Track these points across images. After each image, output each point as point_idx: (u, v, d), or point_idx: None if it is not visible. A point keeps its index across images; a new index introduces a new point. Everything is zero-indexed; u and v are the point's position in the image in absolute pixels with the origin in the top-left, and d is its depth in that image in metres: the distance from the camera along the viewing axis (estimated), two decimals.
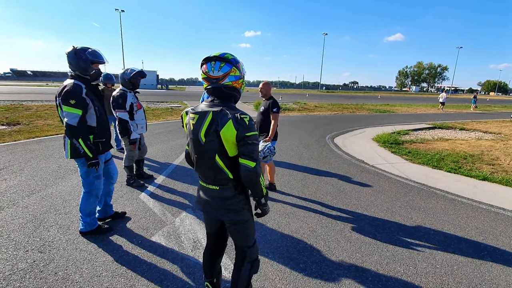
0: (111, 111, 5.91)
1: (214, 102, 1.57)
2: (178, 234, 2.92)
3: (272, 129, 3.86)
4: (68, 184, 4.17)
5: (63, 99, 2.37)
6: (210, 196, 1.66)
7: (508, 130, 11.81)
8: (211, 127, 1.49)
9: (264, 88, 4.03)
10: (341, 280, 2.31)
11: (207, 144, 1.53)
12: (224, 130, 1.46)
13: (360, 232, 3.11)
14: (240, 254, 1.78)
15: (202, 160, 1.59)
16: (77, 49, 2.44)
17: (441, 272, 2.46)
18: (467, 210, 3.78)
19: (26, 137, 7.21)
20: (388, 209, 3.73)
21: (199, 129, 1.53)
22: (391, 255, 2.68)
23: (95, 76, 2.58)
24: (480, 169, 5.71)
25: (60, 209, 3.38)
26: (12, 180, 4.24)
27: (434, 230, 3.21)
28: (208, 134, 1.51)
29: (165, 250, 2.63)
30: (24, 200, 3.59)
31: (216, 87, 1.56)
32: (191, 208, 3.52)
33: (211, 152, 1.53)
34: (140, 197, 3.80)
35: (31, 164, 5.07)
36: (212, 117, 1.50)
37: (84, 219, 2.76)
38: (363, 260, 2.59)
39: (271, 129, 3.86)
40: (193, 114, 1.57)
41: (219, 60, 1.53)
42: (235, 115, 1.48)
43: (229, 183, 1.61)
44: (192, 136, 1.58)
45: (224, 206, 1.64)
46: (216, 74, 1.53)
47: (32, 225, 3.00)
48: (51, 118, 10.38)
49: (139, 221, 3.16)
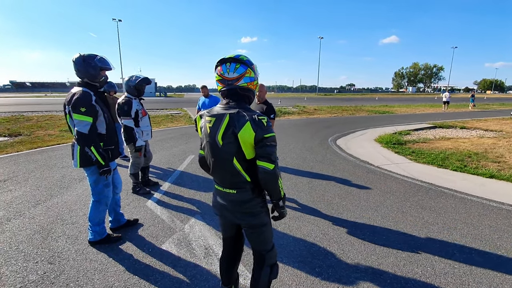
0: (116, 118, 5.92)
1: (230, 104, 1.54)
2: (189, 241, 2.87)
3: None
4: (73, 194, 4.12)
5: (73, 107, 2.33)
6: (227, 200, 1.63)
7: (509, 128, 11.82)
8: (229, 129, 1.47)
9: (260, 90, 3.75)
10: (359, 283, 2.26)
11: (224, 147, 1.50)
12: (242, 132, 1.44)
13: (373, 233, 3.06)
14: (259, 258, 1.74)
15: (219, 163, 1.56)
16: (85, 56, 2.42)
17: (459, 272, 2.42)
18: (478, 208, 3.74)
19: (29, 147, 7.17)
20: (399, 209, 3.69)
21: (216, 132, 1.50)
22: (407, 256, 2.64)
23: (103, 83, 2.56)
24: (486, 167, 5.69)
25: (67, 219, 3.33)
26: (17, 191, 4.19)
27: (448, 229, 3.17)
28: (226, 137, 1.48)
29: (177, 258, 2.58)
30: (31, 211, 3.54)
31: (231, 89, 1.54)
32: (200, 214, 3.48)
33: (229, 154, 1.51)
34: (147, 205, 3.75)
35: (35, 174, 5.02)
36: (229, 119, 1.48)
37: (94, 228, 2.71)
38: (379, 262, 2.54)
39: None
40: (209, 117, 1.54)
41: (234, 61, 1.51)
42: (253, 116, 1.45)
43: (246, 186, 1.58)
44: (209, 139, 1.55)
45: (242, 210, 1.61)
46: (232, 76, 1.51)
47: (40, 236, 2.95)
48: (52, 128, 10.35)
49: (148, 229, 3.11)
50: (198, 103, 6.04)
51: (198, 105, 6.06)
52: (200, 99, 6.02)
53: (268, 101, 3.79)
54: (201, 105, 5.94)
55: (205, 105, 5.84)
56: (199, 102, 6.04)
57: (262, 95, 3.77)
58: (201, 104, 5.94)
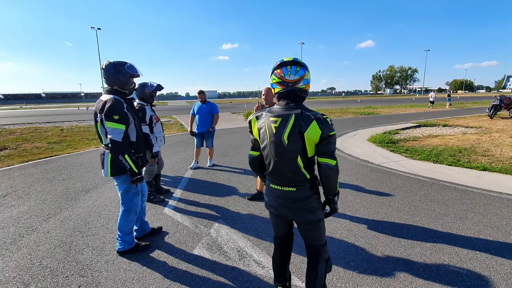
0: None
1: (289, 105, 1.61)
2: (219, 245, 2.87)
3: None
4: (84, 205, 3.99)
5: (106, 115, 2.29)
6: (286, 198, 1.68)
7: (486, 124, 12.59)
8: (295, 128, 1.53)
9: (270, 94, 3.73)
10: (396, 274, 2.37)
11: (289, 146, 1.56)
12: (309, 131, 1.51)
13: (393, 227, 3.19)
14: (314, 253, 1.79)
15: (283, 162, 1.61)
16: (115, 63, 2.40)
17: (482, 256, 2.58)
18: (481, 198, 3.99)
19: (19, 161, 6.83)
20: (410, 203, 3.87)
21: (282, 131, 1.56)
22: (431, 246, 2.78)
23: (133, 90, 2.55)
24: (477, 161, 6.05)
25: (85, 231, 3.23)
26: (22, 206, 4.00)
27: (460, 219, 3.36)
28: (291, 136, 1.54)
29: (213, 263, 2.57)
30: (43, 225, 3.39)
31: (292, 90, 1.61)
32: (221, 219, 3.48)
33: (293, 153, 1.57)
34: (165, 212, 3.70)
35: (35, 188, 4.81)
36: (295, 119, 1.54)
37: (123, 238, 2.65)
38: (407, 253, 2.67)
39: None
40: (274, 118, 1.60)
41: (295, 64, 1.58)
42: (317, 116, 1.53)
43: (306, 183, 1.65)
44: (274, 139, 1.60)
45: (301, 207, 1.67)
46: (293, 78, 1.58)
47: (61, 249, 2.84)
48: (39, 141, 9.90)
49: (174, 236, 3.08)
50: (193, 109, 5.87)
51: (193, 110, 5.88)
52: (196, 104, 5.89)
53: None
54: (196, 111, 5.81)
55: (201, 111, 5.73)
56: (194, 107, 5.88)
57: (270, 99, 3.80)
58: (197, 110, 5.80)
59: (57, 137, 10.79)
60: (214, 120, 5.82)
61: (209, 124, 5.79)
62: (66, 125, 15.21)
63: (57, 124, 15.52)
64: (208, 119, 5.78)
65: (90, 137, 10.68)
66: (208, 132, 5.82)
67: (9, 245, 2.95)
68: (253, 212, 3.67)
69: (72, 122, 16.79)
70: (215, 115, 5.83)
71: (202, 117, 5.75)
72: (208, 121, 5.78)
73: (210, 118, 5.79)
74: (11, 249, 2.88)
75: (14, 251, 2.84)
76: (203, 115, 5.74)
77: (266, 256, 2.65)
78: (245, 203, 3.97)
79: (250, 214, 3.59)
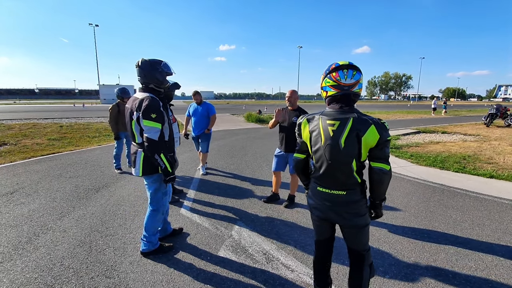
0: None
1: (344, 108, 1.60)
2: (243, 247, 2.84)
3: None
4: (97, 204, 3.91)
5: (144, 113, 2.23)
6: (335, 202, 1.67)
7: (484, 132, 12.82)
8: (352, 132, 1.52)
9: (293, 96, 3.78)
10: (426, 279, 2.37)
11: (345, 149, 1.55)
12: (367, 135, 1.50)
13: (414, 232, 3.21)
14: (358, 258, 1.78)
15: (337, 165, 1.59)
16: (152, 62, 2.36)
17: (507, 263, 2.61)
18: (494, 205, 4.04)
19: (22, 157, 6.67)
20: (426, 209, 3.89)
21: (340, 135, 1.55)
22: (455, 252, 2.80)
23: (167, 88, 2.50)
24: (482, 168, 6.14)
25: (103, 230, 3.16)
26: (32, 204, 3.90)
27: (478, 226, 3.39)
28: (348, 139, 1.53)
29: (240, 265, 2.54)
30: (58, 224, 3.31)
31: (346, 94, 1.60)
32: (241, 221, 3.44)
33: (349, 156, 1.56)
34: (181, 213, 3.65)
35: (42, 185, 4.69)
36: (352, 122, 1.53)
37: (149, 239, 2.60)
38: (433, 259, 2.67)
39: None
40: (332, 121, 1.59)
41: (351, 68, 1.58)
42: (375, 120, 1.52)
43: (357, 187, 1.64)
44: (330, 142, 1.58)
45: (350, 211, 1.65)
46: (349, 82, 1.58)
47: (82, 250, 2.77)
48: (38, 137, 9.70)
49: (195, 237, 3.03)
50: (189, 110, 5.44)
51: (188, 112, 5.46)
52: (191, 106, 5.42)
53: (300, 107, 3.86)
54: (192, 113, 5.37)
55: (197, 113, 5.26)
56: (189, 109, 5.44)
57: (295, 102, 3.82)
58: (192, 111, 5.35)
59: (57, 133, 10.59)
60: (210, 122, 5.33)
61: (206, 126, 5.31)
62: (64, 121, 14.95)
63: (55, 121, 15.25)
64: (204, 122, 5.30)
65: (91, 135, 10.51)
66: (203, 135, 5.31)
67: (25, 244, 2.87)
68: (271, 214, 3.64)
69: (70, 119, 16.52)
70: (211, 117, 5.32)
71: (198, 119, 5.27)
72: (204, 123, 5.31)
73: (206, 120, 5.30)
74: (28, 248, 2.80)
75: (32, 250, 2.76)
76: (199, 117, 5.27)
77: (293, 259, 2.63)
78: (262, 205, 3.94)
79: (269, 217, 3.56)
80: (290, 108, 3.83)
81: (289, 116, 3.77)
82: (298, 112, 3.76)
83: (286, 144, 3.78)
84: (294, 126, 3.67)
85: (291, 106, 3.82)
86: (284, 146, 3.80)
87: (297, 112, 3.76)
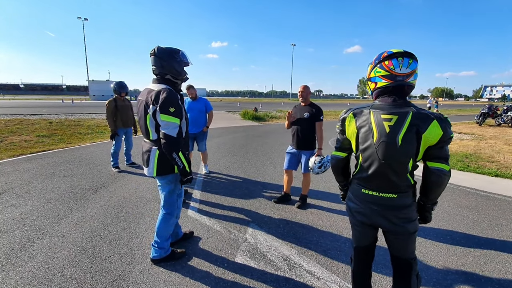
0: (127, 122, 5.39)
1: (398, 101, 1.42)
2: (261, 252, 2.64)
3: (322, 139, 3.58)
4: (96, 206, 3.63)
5: (162, 107, 1.99)
6: (384, 206, 1.49)
7: (478, 131, 12.99)
8: (412, 128, 1.35)
9: (305, 91, 3.59)
10: (460, 286, 2.23)
11: (402, 147, 1.37)
12: (428, 132, 1.33)
13: (435, 234, 3.08)
14: (405, 267, 1.61)
15: (391, 165, 1.41)
16: (169, 50, 2.12)
17: None
18: (506, 205, 3.98)
19: (9, 155, 6.27)
20: (442, 209, 3.79)
21: (398, 131, 1.37)
22: (482, 255, 2.68)
23: (185, 80, 2.27)
24: (486, 166, 6.13)
25: (106, 235, 2.90)
26: (24, 206, 3.59)
27: (496, 226, 3.30)
28: (407, 136, 1.36)
29: (262, 273, 2.34)
30: (55, 228, 3.03)
31: (400, 85, 1.42)
32: (253, 223, 3.25)
33: (406, 156, 1.38)
34: (189, 215, 3.43)
35: (34, 185, 4.37)
36: (412, 117, 1.35)
37: (161, 245, 2.37)
38: (462, 262, 2.55)
39: (321, 139, 3.57)
40: (389, 115, 1.40)
41: (407, 56, 1.40)
42: (437, 115, 1.35)
43: (409, 190, 1.47)
44: (385, 139, 1.40)
45: (400, 215, 1.48)
46: (404, 71, 1.40)
47: (84, 257, 2.52)
48: (26, 134, 9.22)
49: (207, 241, 2.82)
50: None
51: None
52: (186, 101, 4.85)
53: (313, 103, 3.69)
54: (186, 109, 4.81)
55: (193, 109, 4.78)
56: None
57: (307, 97, 3.65)
58: (187, 107, 4.78)
59: (47, 130, 10.10)
60: (208, 118, 4.97)
61: (203, 124, 4.87)
62: (54, 118, 14.35)
63: (44, 117, 14.61)
64: (201, 118, 4.86)
65: (83, 131, 10.07)
66: (201, 133, 4.90)
67: (19, 252, 2.59)
68: (284, 216, 3.46)
69: (60, 115, 15.88)
70: (209, 113, 4.96)
71: (195, 115, 4.77)
72: (202, 120, 4.87)
73: (204, 116, 4.90)
74: (22, 257, 2.52)
75: (27, 259, 2.49)
76: (196, 113, 4.79)
77: (317, 265, 2.45)
78: (273, 206, 3.75)
79: (283, 219, 3.38)
80: (303, 103, 3.66)
81: (300, 112, 3.60)
82: (310, 107, 3.60)
83: (298, 141, 3.60)
84: (306, 123, 3.58)
85: (303, 102, 3.66)
86: (296, 143, 3.62)
87: (309, 107, 3.60)
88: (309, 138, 3.60)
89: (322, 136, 3.61)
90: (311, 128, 3.58)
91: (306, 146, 3.59)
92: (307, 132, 3.59)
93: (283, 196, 3.89)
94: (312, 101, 3.74)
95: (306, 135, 3.59)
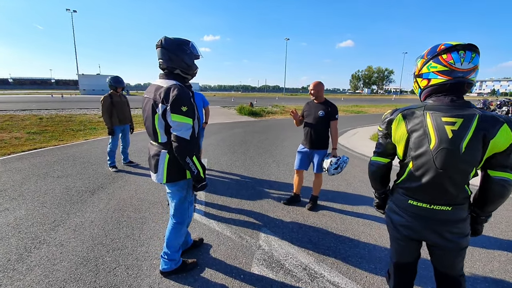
0: (124, 119, 5.12)
1: (457, 102, 1.24)
2: (278, 261, 2.47)
3: (337, 138, 3.40)
4: (95, 210, 3.41)
5: (173, 106, 1.76)
6: (435, 219, 1.33)
7: None
8: (478, 133, 1.17)
9: (317, 88, 3.37)
10: None
11: (466, 155, 1.20)
12: (498, 137, 1.16)
13: None
14: (454, 285, 1.46)
15: (450, 174, 1.24)
16: (178, 41, 1.88)
17: None
18: None
19: (0, 153, 5.93)
20: None
21: (462, 136, 1.19)
22: (507, 260, 2.57)
23: (194, 75, 2.04)
24: None
25: (108, 243, 2.69)
26: (18, 210, 3.34)
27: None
28: (472, 143, 1.18)
29: (282, 285, 2.17)
30: (52, 236, 2.81)
31: (459, 83, 1.25)
32: (265, 227, 3.07)
33: (469, 164, 1.21)
34: (196, 219, 3.23)
35: (27, 187, 4.10)
36: (478, 121, 1.18)
37: (171, 256, 2.17)
38: (490, 269, 2.43)
39: (336, 138, 3.39)
40: (452, 118, 1.22)
41: (469, 49, 1.21)
42: (506, 118, 1.18)
43: (465, 202, 1.31)
44: (446, 145, 1.22)
45: (454, 230, 1.32)
46: (466, 67, 1.22)
47: (86, 269, 2.31)
48: (17, 130, 8.82)
49: (219, 249, 2.64)
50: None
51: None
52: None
53: (328, 100, 3.49)
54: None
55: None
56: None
57: (320, 94, 3.45)
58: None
59: (37, 126, 9.69)
60: (206, 114, 4.66)
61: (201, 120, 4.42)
62: (44, 113, 13.83)
63: (34, 112, 14.06)
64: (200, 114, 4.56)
65: (75, 128, 9.69)
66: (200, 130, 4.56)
67: (16, 263, 2.36)
68: (296, 219, 3.30)
69: (50, 111, 15.32)
70: (206, 108, 4.63)
71: None
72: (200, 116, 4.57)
73: (201, 112, 4.53)
74: (20, 269, 2.30)
75: (25, 272, 2.27)
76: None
77: (339, 275, 2.30)
78: (283, 208, 3.59)
79: (295, 222, 3.22)
80: (316, 101, 3.46)
81: (315, 110, 3.40)
82: (325, 105, 3.39)
83: (311, 140, 3.41)
84: (321, 121, 3.34)
85: (316, 99, 3.46)
86: (309, 142, 3.44)
87: (324, 105, 3.39)
88: (323, 137, 3.42)
89: (337, 136, 3.43)
90: (326, 127, 3.39)
91: (320, 145, 3.41)
92: (321, 131, 3.39)
93: (293, 197, 3.73)
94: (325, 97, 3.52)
95: (320, 134, 3.40)
